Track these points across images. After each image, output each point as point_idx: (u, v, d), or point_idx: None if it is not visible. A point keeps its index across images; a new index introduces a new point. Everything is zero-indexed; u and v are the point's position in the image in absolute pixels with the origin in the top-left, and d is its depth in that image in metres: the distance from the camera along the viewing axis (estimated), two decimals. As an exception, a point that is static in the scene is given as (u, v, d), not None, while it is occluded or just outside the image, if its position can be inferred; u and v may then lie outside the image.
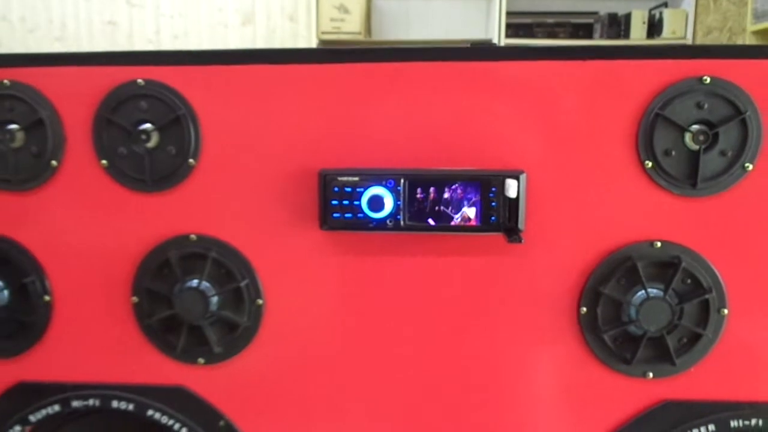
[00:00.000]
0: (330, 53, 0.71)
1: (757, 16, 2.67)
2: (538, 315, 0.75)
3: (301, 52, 0.72)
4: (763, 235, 0.71)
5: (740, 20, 2.87)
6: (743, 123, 0.69)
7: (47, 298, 0.80)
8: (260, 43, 3.56)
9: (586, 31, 3.51)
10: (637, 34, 3.47)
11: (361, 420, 0.79)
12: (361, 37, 3.46)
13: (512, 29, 3.40)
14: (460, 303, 0.75)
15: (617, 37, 3.49)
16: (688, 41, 3.39)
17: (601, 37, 3.50)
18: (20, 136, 0.76)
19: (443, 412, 0.77)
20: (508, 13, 3.32)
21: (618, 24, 3.47)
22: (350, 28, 3.42)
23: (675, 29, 3.43)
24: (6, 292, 0.79)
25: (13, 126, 0.76)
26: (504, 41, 3.39)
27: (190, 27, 3.58)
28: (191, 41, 3.58)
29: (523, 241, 0.70)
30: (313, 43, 3.44)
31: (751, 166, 0.69)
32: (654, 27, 3.45)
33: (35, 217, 0.78)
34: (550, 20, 3.47)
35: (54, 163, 0.76)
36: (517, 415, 0.77)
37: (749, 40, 2.72)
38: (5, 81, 0.74)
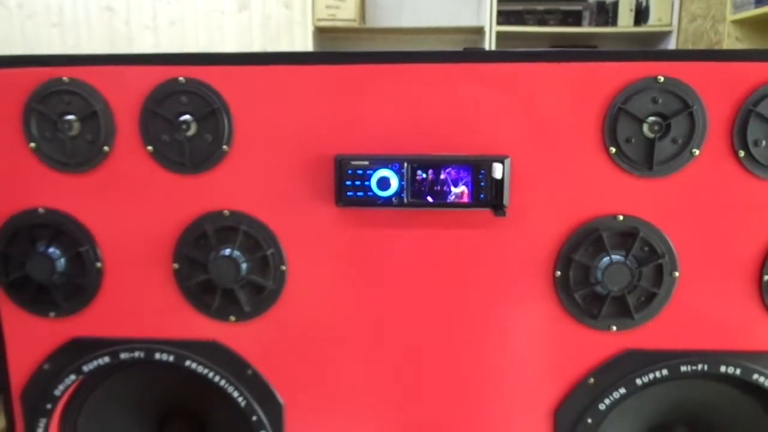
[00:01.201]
0: (344, 56, 0.80)
1: (736, 6, 2.75)
2: (520, 278, 0.84)
3: (319, 55, 0.81)
4: (707, 209, 0.80)
5: (722, 9, 2.93)
6: (691, 115, 0.77)
7: (99, 264, 0.87)
8: (256, 29, 3.55)
9: (575, 18, 3.53)
10: (625, 22, 3.51)
11: (369, 368, 0.87)
12: (356, 25, 3.48)
13: (503, 16, 3.44)
14: (454, 268, 0.84)
15: (605, 24, 3.53)
16: (674, 28, 3.46)
17: (590, 24, 3.54)
18: (77, 126, 0.83)
19: (441, 360, 0.86)
20: (500, 0, 3.37)
21: (606, 11, 3.51)
22: (345, 15, 3.43)
23: (661, 17, 3.48)
24: (63, 260, 0.86)
25: (71, 117, 0.83)
26: (495, 28, 3.44)
27: (186, 13, 3.56)
28: (188, 27, 3.57)
29: (506, 215, 0.80)
30: (308, 30, 3.45)
31: (697, 152, 0.78)
32: (641, 14, 3.48)
33: (89, 195, 0.85)
34: (540, 8, 3.49)
35: (106, 148, 0.84)
36: (502, 362, 0.86)
37: (729, 28, 2.80)
38: (64, 78, 0.82)
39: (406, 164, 0.80)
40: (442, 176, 0.80)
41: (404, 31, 3.64)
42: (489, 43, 3.44)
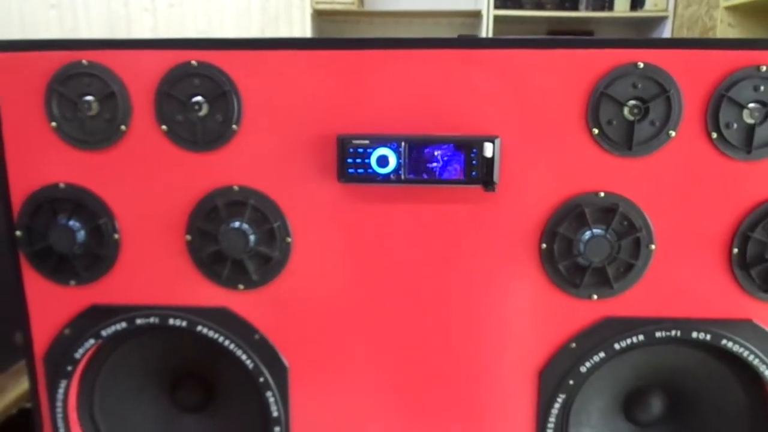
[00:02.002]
0: (346, 42, 0.84)
1: (730, -7, 2.80)
2: (508, 250, 0.89)
3: (323, 41, 0.86)
4: (682, 186, 0.85)
5: (716, -5, 2.99)
6: (668, 99, 0.82)
7: (116, 236, 0.92)
8: (254, 12, 3.56)
9: (572, 2, 3.56)
10: (621, 6, 3.54)
11: (368, 333, 0.93)
12: (354, 8, 3.51)
13: (500, 0, 3.49)
14: (447, 241, 0.89)
15: (601, 9, 3.55)
16: (669, 14, 3.50)
17: (587, 8, 3.56)
18: (95, 106, 0.87)
19: (436, 325, 0.92)
20: (497, -15, 3.40)
21: (603, -4, 3.56)
22: (344, -2, 3.47)
23: (657, 2, 3.51)
24: (83, 232, 0.91)
25: (90, 98, 0.87)
26: (492, 12, 3.47)
27: (185, -6, 3.59)
28: (186, 9, 3.58)
29: (496, 191, 0.85)
30: (307, 13, 3.47)
31: (673, 133, 0.83)
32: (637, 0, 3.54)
33: (107, 171, 0.90)
34: (538, -9, 3.54)
35: (123, 127, 0.88)
36: (492, 327, 0.91)
37: (722, 14, 2.85)
38: (84, 61, 0.86)
39: (403, 143, 0.84)
40: (437, 154, 0.85)
41: (402, 15, 3.67)
42: (486, 27, 3.48)
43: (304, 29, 3.55)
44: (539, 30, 3.70)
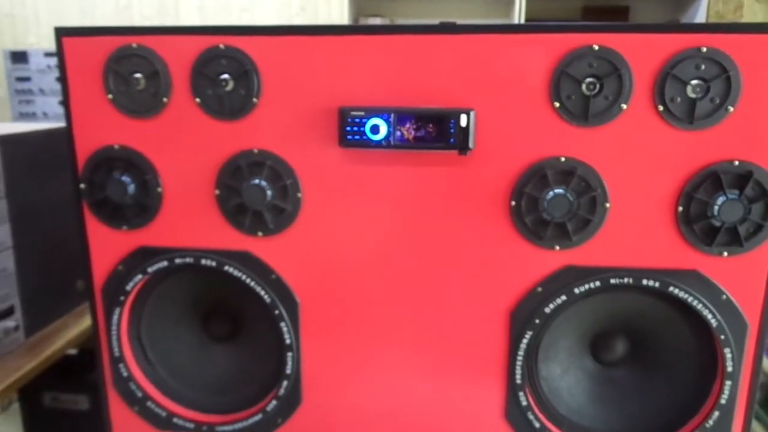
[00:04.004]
0: (346, 28, 0.99)
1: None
2: (482, 207, 1.01)
3: (327, 27, 0.99)
4: (633, 152, 0.96)
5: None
6: (620, 77, 0.93)
7: (159, 189, 1.08)
8: None
9: None
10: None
11: (364, 274, 1.08)
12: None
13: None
14: (430, 198, 1.03)
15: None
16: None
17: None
18: (143, 82, 1.04)
19: (421, 270, 1.06)
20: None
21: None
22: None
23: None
24: (133, 185, 1.08)
25: (139, 75, 1.03)
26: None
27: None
28: None
29: (468, 155, 0.98)
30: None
31: (625, 106, 0.94)
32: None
33: (152, 135, 1.07)
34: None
35: (165, 99, 1.04)
36: (470, 273, 1.05)
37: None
38: (134, 44, 1.03)
39: (393, 114, 0.96)
40: (421, 124, 0.98)
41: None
42: (519, 5, 3.54)
43: (342, 7, 3.67)
44: (574, 7, 3.73)
